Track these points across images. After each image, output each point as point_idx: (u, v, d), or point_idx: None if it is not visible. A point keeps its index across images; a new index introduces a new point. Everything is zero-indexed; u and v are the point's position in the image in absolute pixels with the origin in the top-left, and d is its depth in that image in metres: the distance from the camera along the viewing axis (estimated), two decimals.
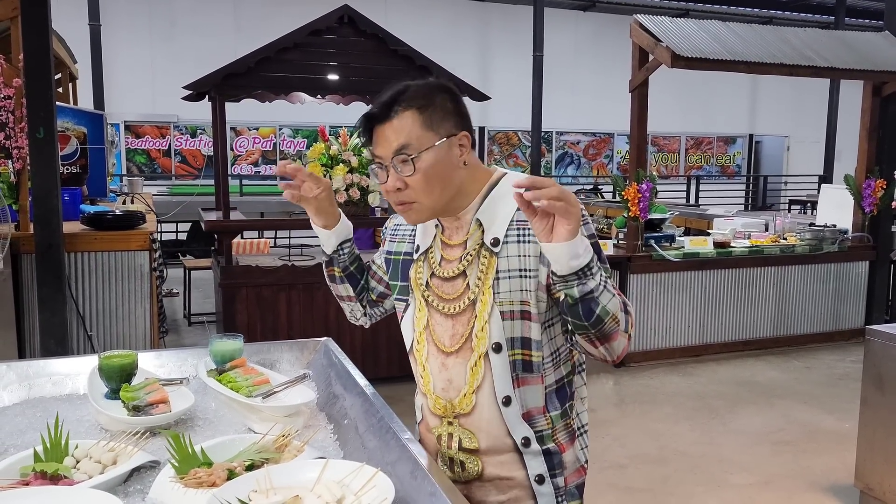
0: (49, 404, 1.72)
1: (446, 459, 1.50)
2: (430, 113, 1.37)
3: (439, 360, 1.47)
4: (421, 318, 1.50)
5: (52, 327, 3.81)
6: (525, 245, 1.38)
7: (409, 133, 1.36)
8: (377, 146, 1.40)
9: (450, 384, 1.46)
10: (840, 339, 6.13)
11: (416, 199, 1.39)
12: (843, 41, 5.97)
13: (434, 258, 1.49)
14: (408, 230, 1.57)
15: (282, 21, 5.90)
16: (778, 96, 15.88)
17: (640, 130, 5.42)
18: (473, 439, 1.46)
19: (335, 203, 1.59)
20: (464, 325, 1.43)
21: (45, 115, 3.69)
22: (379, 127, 1.39)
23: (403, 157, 1.36)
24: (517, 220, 1.40)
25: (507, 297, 1.38)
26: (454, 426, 1.47)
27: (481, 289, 1.41)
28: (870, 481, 3.16)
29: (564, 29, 14.21)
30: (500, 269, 1.39)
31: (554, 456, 1.46)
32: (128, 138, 12.13)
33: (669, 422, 4.32)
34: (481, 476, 1.47)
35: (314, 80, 4.53)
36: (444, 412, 1.48)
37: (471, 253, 1.43)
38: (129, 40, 11.72)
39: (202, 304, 7.13)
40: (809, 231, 6.11)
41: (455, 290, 1.44)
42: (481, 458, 1.46)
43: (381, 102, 1.39)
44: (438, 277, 1.47)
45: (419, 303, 1.50)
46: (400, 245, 1.57)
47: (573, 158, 15.11)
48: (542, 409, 1.44)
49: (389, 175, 1.39)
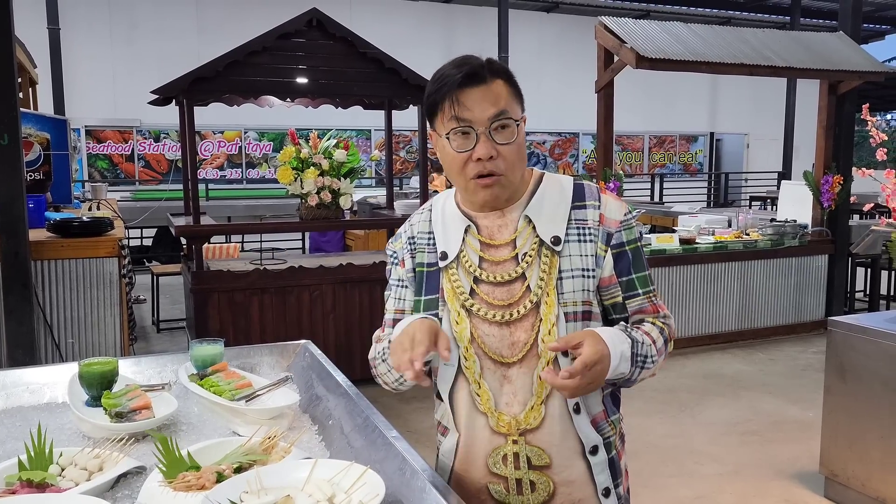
0: (28, 413, 1.71)
1: (512, 483, 1.37)
2: (514, 86, 1.33)
3: (499, 374, 1.35)
4: (462, 331, 1.35)
5: (20, 336, 3.75)
6: (585, 244, 1.34)
7: (506, 100, 1.30)
8: (468, 109, 1.28)
9: (514, 398, 1.34)
10: (802, 331, 6.30)
11: (505, 172, 1.31)
12: (800, 42, 6.14)
13: (471, 263, 1.37)
14: (426, 237, 1.43)
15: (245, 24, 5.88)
16: (737, 95, 16.22)
17: (606, 130, 5.51)
18: (544, 455, 1.34)
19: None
20: (526, 331, 1.32)
21: (10, 122, 3.63)
22: (472, 89, 1.28)
23: (505, 122, 1.29)
24: (575, 218, 1.36)
25: (570, 297, 1.32)
26: (520, 444, 1.35)
27: (545, 290, 1.32)
28: (834, 467, 3.26)
29: (529, 30, 14.32)
30: (562, 268, 1.33)
31: (615, 464, 1.40)
32: (89, 143, 11.90)
33: (640, 416, 4.40)
34: (552, 498, 1.36)
35: (283, 83, 4.52)
36: (509, 430, 1.35)
37: (529, 253, 1.34)
38: (90, 44, 11.51)
39: (170, 311, 7.04)
40: (771, 226, 6.27)
41: (511, 295, 1.33)
42: (552, 476, 1.35)
43: (475, 64, 1.29)
44: (487, 283, 1.35)
45: (456, 314, 1.36)
46: (422, 256, 1.43)
47: (539, 158, 15.24)
48: (603, 415, 1.39)
49: (480, 142, 1.29)
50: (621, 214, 1.38)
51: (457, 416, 1.41)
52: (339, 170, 4.61)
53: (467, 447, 1.40)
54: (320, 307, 4.69)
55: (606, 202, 1.38)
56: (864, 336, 3.10)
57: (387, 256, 1.51)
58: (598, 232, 1.35)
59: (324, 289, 4.68)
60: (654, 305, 1.40)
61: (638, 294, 1.38)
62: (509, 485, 1.37)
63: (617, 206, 1.39)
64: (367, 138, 13.40)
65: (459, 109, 1.28)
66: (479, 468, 1.39)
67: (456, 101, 1.28)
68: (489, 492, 1.39)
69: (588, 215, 1.36)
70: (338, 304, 4.72)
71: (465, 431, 1.40)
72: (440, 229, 1.42)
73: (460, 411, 1.40)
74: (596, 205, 1.37)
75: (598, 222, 1.36)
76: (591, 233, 1.35)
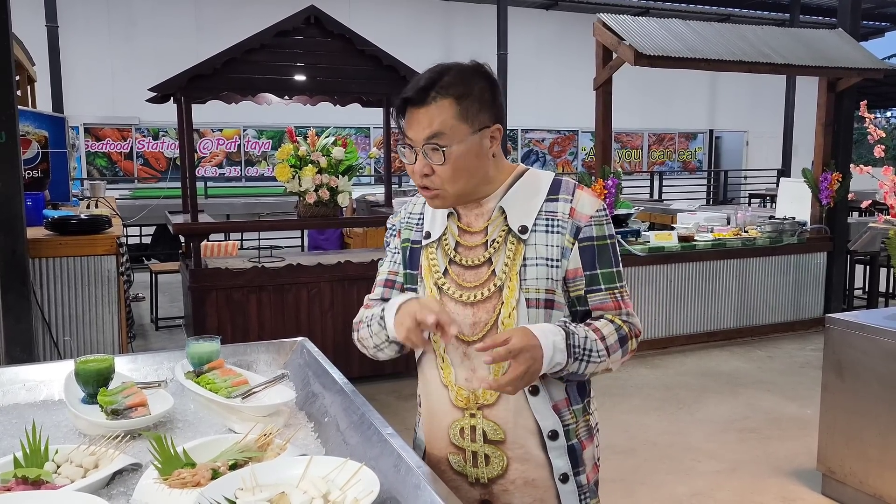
0: (24, 411, 1.71)
1: (469, 455, 1.46)
2: (468, 104, 1.35)
3: (461, 351, 1.44)
4: None
5: (18, 334, 3.74)
6: (552, 235, 1.39)
7: (443, 122, 1.34)
8: (410, 128, 1.37)
9: (473, 374, 1.43)
10: (801, 328, 6.31)
11: (441, 188, 1.39)
12: (798, 39, 6.13)
13: (448, 245, 1.46)
14: (416, 217, 1.54)
15: (243, 21, 5.87)
16: (736, 93, 16.22)
17: (605, 128, 5.50)
18: (499, 430, 1.42)
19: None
20: (488, 312, 1.40)
21: (7, 119, 3.62)
22: (414, 109, 1.36)
23: (434, 146, 1.35)
24: (546, 210, 1.41)
25: (533, 284, 1.38)
26: (477, 417, 1.43)
27: (508, 275, 1.39)
28: (831, 464, 3.27)
29: (528, 28, 14.32)
30: (527, 256, 1.39)
31: (576, 452, 1.45)
32: (88, 141, 11.90)
33: (638, 413, 4.40)
34: (505, 472, 1.44)
35: (281, 80, 4.51)
36: (467, 404, 1.44)
37: (497, 240, 1.41)
38: (88, 41, 11.50)
39: (169, 309, 7.04)
40: (769, 224, 6.27)
41: (478, 278, 1.42)
42: (506, 451, 1.43)
43: (419, 86, 1.35)
44: (459, 265, 1.44)
45: (430, 291, 1.46)
46: (409, 233, 1.54)
47: (539, 156, 15.24)
48: (566, 402, 1.44)
49: (418, 159, 1.37)
50: (593, 210, 1.41)
51: (424, 388, 1.53)
52: (337, 167, 4.61)
53: (431, 418, 1.52)
54: (318, 305, 4.69)
55: (580, 197, 1.42)
56: (861, 333, 3.11)
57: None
58: (568, 224, 1.40)
59: (322, 286, 4.68)
60: (617, 302, 1.43)
61: (600, 289, 1.42)
62: (466, 456, 1.46)
63: (590, 202, 1.42)
64: (366, 136, 13.39)
65: (406, 127, 1.39)
66: (442, 439, 1.49)
67: (402, 118, 1.39)
68: (449, 462, 1.49)
69: (559, 208, 1.41)
70: (336, 302, 4.72)
71: (430, 404, 1.51)
72: (429, 212, 1.52)
73: (427, 384, 1.52)
74: (568, 199, 1.42)
75: (567, 215, 1.40)
76: (560, 225, 1.40)
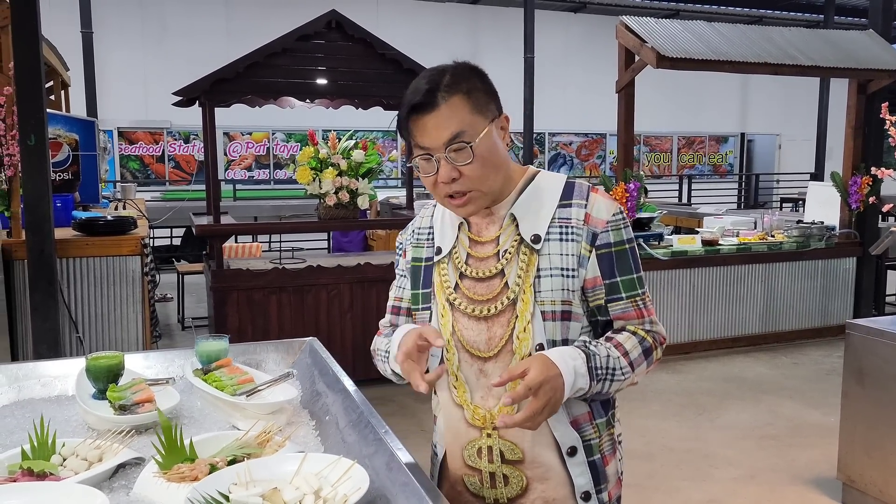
0: (38, 405, 1.76)
1: (486, 476, 1.40)
2: (476, 96, 1.30)
3: (475, 367, 1.38)
4: (445, 324, 1.40)
5: (45, 333, 3.84)
6: (567, 244, 1.33)
7: (461, 119, 1.27)
8: (424, 137, 1.29)
9: (489, 392, 1.37)
10: (828, 334, 6.19)
11: (473, 188, 1.31)
12: (827, 40, 6.03)
13: (459, 258, 1.40)
14: (425, 233, 1.48)
15: (274, 25, 5.93)
16: (769, 95, 15.98)
17: (626, 131, 5.47)
18: (516, 450, 1.36)
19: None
20: (502, 326, 1.34)
21: (36, 123, 3.72)
22: (424, 116, 1.28)
23: (459, 146, 1.27)
24: (559, 217, 1.34)
25: (548, 296, 1.32)
26: (493, 438, 1.37)
27: (522, 287, 1.33)
28: (851, 473, 3.21)
29: (555, 30, 14.27)
30: (540, 266, 1.32)
31: (598, 468, 1.39)
32: (121, 144, 12.15)
33: (657, 418, 4.37)
34: (525, 492, 1.38)
35: (303, 84, 4.57)
36: (484, 423, 1.37)
37: (509, 250, 1.34)
38: (122, 47, 11.75)
39: (195, 309, 7.16)
40: (797, 228, 6.17)
41: (491, 291, 1.35)
42: (525, 471, 1.37)
43: (423, 90, 1.28)
44: (470, 278, 1.37)
45: (441, 307, 1.40)
46: (420, 250, 1.47)
47: (566, 159, 15.17)
48: (588, 417, 1.38)
49: (441, 166, 1.29)
50: (609, 214, 1.34)
51: (438, 408, 1.48)
52: (357, 170, 4.65)
53: (447, 438, 1.45)
54: (338, 306, 4.73)
55: (594, 201, 1.35)
56: (882, 340, 3.05)
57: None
58: (583, 231, 1.33)
59: (341, 288, 4.72)
60: (640, 310, 1.37)
61: (621, 298, 1.35)
62: (483, 477, 1.40)
63: (606, 205, 1.35)
64: (392, 139, 13.46)
65: (417, 138, 1.30)
66: (457, 459, 1.44)
67: (412, 130, 1.30)
68: (465, 483, 1.43)
69: (573, 214, 1.34)
70: (355, 303, 4.76)
71: (446, 423, 1.45)
72: (439, 225, 1.46)
73: (441, 404, 1.46)
74: (582, 203, 1.35)
75: (582, 221, 1.33)
76: (575, 232, 1.33)
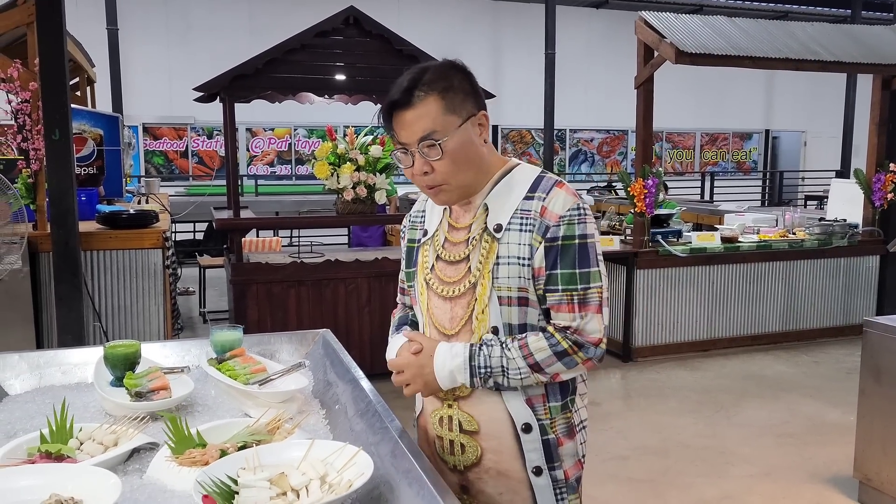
0: (58, 392, 1.82)
1: (447, 443, 1.52)
2: (452, 96, 1.39)
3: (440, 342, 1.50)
4: (423, 301, 1.53)
5: (69, 323, 3.93)
6: (524, 234, 1.41)
7: (433, 118, 1.37)
8: (401, 132, 1.40)
9: None
10: (850, 333, 6.10)
11: (444, 182, 1.41)
12: (851, 35, 5.95)
13: (438, 242, 1.51)
14: (419, 216, 1.59)
15: (296, 22, 5.97)
16: (794, 91, 15.76)
17: (645, 127, 5.44)
18: (473, 422, 1.47)
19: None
20: (463, 307, 1.45)
21: (61, 118, 3.81)
22: (401, 113, 1.39)
23: (430, 143, 1.37)
24: (521, 209, 1.42)
25: (505, 282, 1.41)
26: (454, 408, 1.49)
27: (482, 273, 1.43)
28: (868, 472, 3.18)
29: (576, 26, 14.20)
30: (500, 254, 1.42)
31: (553, 448, 1.46)
32: (146, 140, 12.32)
33: (673, 415, 4.36)
34: (480, 461, 1.49)
35: (321, 80, 4.61)
36: (445, 395, 1.49)
37: (475, 237, 1.45)
38: (147, 43, 11.90)
39: (217, 303, 7.24)
40: (818, 226, 6.10)
41: (457, 274, 1.46)
42: (480, 442, 1.47)
43: (402, 88, 1.38)
44: (443, 260, 1.49)
45: (421, 286, 1.53)
46: (414, 232, 1.59)
47: (587, 156, 15.11)
48: (541, 398, 1.46)
49: (415, 160, 1.40)
50: (564, 209, 1.40)
51: None
52: (374, 165, 4.68)
53: (423, 405, 1.60)
54: (356, 300, 4.78)
55: (554, 195, 1.41)
56: None
57: None
58: (537, 223, 1.40)
59: (359, 282, 4.76)
60: (572, 305, 1.40)
61: (556, 290, 1.41)
62: (444, 444, 1.54)
63: (563, 201, 1.41)
64: None
65: (396, 132, 1.42)
66: (428, 426, 1.58)
67: (392, 124, 1.42)
68: (434, 447, 1.58)
69: (532, 206, 1.42)
70: (373, 298, 4.80)
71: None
72: (429, 210, 1.58)
73: None
74: (542, 197, 1.42)
75: (538, 214, 1.41)
76: (531, 223, 1.41)
